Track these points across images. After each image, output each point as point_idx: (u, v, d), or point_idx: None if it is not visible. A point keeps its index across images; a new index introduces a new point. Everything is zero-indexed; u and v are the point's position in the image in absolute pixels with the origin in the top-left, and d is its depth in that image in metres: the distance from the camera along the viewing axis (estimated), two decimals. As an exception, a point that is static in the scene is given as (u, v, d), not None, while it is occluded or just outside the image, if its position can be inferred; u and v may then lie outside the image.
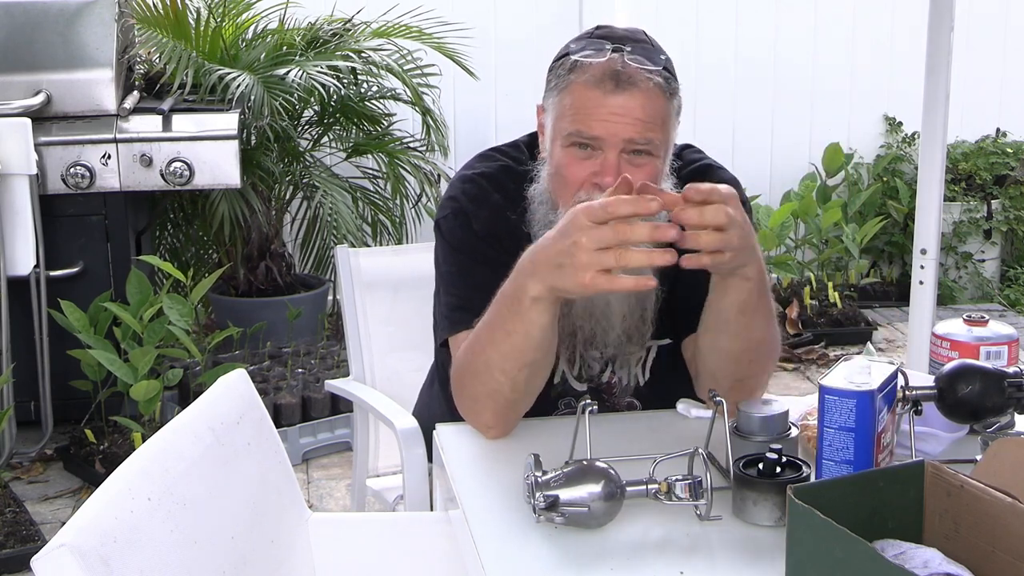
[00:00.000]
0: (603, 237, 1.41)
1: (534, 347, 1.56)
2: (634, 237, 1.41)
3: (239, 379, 1.63)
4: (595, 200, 1.46)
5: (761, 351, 1.69)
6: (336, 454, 3.72)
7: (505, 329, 1.55)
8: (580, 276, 1.42)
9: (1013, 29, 5.54)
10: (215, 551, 1.44)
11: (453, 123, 4.86)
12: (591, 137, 1.64)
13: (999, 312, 5.18)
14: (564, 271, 1.44)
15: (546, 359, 1.62)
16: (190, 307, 3.39)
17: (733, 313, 1.61)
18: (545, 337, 1.56)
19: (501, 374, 1.58)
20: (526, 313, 1.52)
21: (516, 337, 1.55)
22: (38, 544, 2.95)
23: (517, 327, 1.54)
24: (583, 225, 1.42)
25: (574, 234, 1.43)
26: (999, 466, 1.25)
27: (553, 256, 1.46)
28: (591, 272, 1.42)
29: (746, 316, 1.61)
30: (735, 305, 1.60)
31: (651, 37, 1.73)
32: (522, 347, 1.55)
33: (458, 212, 1.79)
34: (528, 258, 1.52)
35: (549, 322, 1.54)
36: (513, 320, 1.54)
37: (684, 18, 5.20)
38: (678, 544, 1.35)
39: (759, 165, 5.31)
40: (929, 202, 2.77)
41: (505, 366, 1.58)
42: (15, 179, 3.40)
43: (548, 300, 1.51)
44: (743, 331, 1.64)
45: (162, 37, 3.90)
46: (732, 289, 1.57)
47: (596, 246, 1.41)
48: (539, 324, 1.53)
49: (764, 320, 1.65)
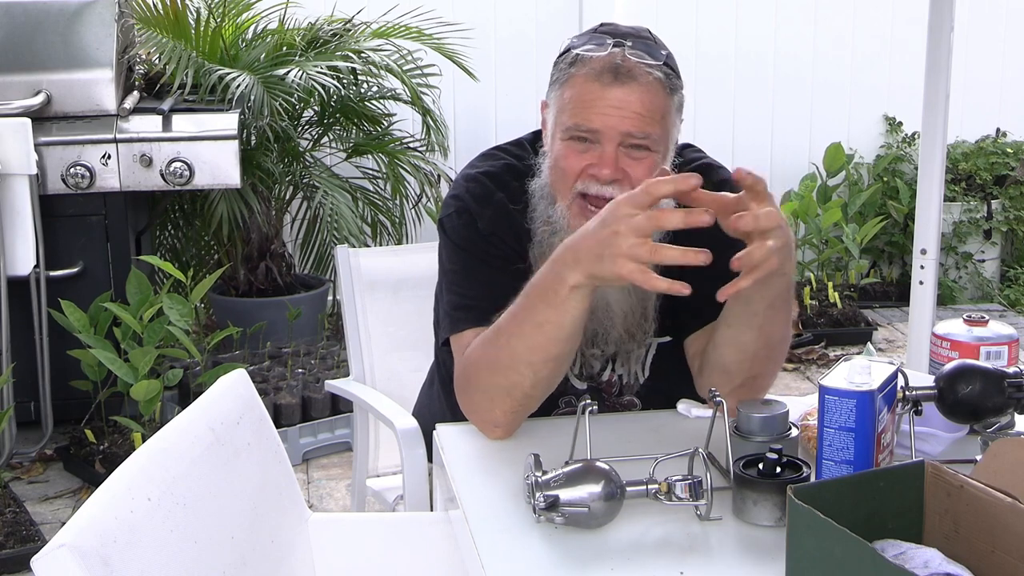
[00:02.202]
0: (640, 225, 1.42)
1: (564, 338, 1.56)
2: (668, 224, 1.42)
3: (239, 379, 1.63)
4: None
5: (779, 348, 1.70)
6: (336, 454, 3.72)
7: (536, 321, 1.55)
8: (619, 266, 1.43)
9: (1013, 29, 5.54)
10: (215, 551, 1.44)
11: (453, 123, 4.86)
12: (589, 130, 1.65)
13: (999, 312, 5.18)
14: (603, 261, 1.45)
15: (571, 353, 1.62)
16: (190, 307, 3.39)
17: (762, 307, 1.61)
18: (576, 328, 1.56)
19: (527, 367, 1.58)
20: (563, 303, 1.52)
21: (548, 328, 1.55)
22: (38, 544, 2.95)
23: (551, 317, 1.54)
24: (623, 214, 1.43)
25: (613, 223, 1.43)
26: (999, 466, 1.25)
27: (594, 246, 1.46)
28: (630, 264, 1.42)
29: (773, 311, 1.62)
30: (766, 300, 1.59)
31: (655, 35, 1.73)
32: (553, 338, 1.55)
33: (462, 211, 1.79)
34: (568, 247, 1.52)
35: (583, 312, 1.54)
36: (547, 311, 1.54)
37: (684, 18, 5.21)
38: (678, 544, 1.35)
39: (759, 165, 5.28)
40: (929, 202, 2.77)
41: (532, 358, 1.58)
42: (15, 179, 3.40)
43: (587, 289, 1.51)
44: (767, 327, 1.63)
45: (162, 37, 3.90)
46: (768, 285, 1.55)
47: (634, 235, 1.42)
48: (573, 314, 1.53)
49: (786, 317, 1.66)
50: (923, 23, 2.74)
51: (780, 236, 1.46)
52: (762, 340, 1.65)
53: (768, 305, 1.60)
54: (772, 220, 1.46)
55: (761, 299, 1.59)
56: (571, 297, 1.51)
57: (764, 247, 1.45)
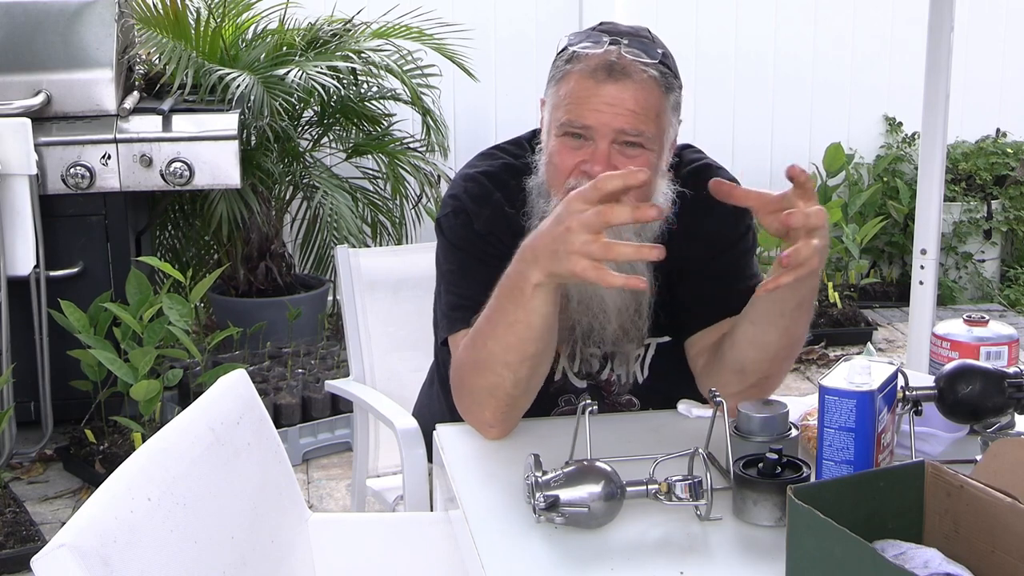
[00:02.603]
0: (589, 221, 1.41)
1: (536, 337, 1.55)
2: (616, 219, 1.41)
3: (239, 379, 1.63)
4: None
5: (795, 348, 1.70)
6: (336, 454, 3.71)
7: (507, 321, 1.55)
8: (573, 263, 1.42)
9: (1013, 29, 5.54)
10: (215, 551, 1.44)
11: (453, 123, 4.85)
12: (583, 126, 1.64)
13: (999, 312, 5.18)
14: (559, 257, 1.44)
15: (547, 351, 1.61)
16: (190, 307, 3.39)
17: (791, 307, 1.60)
18: (547, 327, 1.55)
19: (504, 368, 1.58)
20: (528, 302, 1.51)
21: (519, 327, 1.54)
22: (38, 544, 2.95)
23: (520, 317, 1.53)
24: (574, 209, 1.42)
25: (566, 219, 1.43)
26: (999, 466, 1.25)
27: (549, 242, 1.45)
28: (583, 261, 1.41)
29: (799, 312, 1.62)
30: (796, 299, 1.59)
31: (654, 35, 1.73)
32: (525, 337, 1.55)
33: (459, 211, 1.79)
34: (528, 245, 1.51)
35: (551, 310, 1.53)
36: (515, 311, 1.53)
37: (684, 18, 5.21)
38: (678, 544, 1.35)
39: (759, 165, 5.31)
40: (929, 202, 2.77)
41: (508, 359, 1.57)
42: (15, 179, 3.40)
43: (549, 287, 1.50)
44: (792, 326, 1.63)
45: (162, 37, 3.90)
46: (802, 284, 1.53)
47: (584, 231, 1.41)
48: (541, 312, 1.52)
49: (808, 319, 1.66)
50: (923, 23, 2.74)
51: (824, 236, 1.47)
52: (787, 340, 1.65)
53: (796, 305, 1.60)
54: (820, 219, 1.46)
55: (792, 298, 1.59)
56: (535, 296, 1.50)
57: (810, 245, 1.45)
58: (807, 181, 1.48)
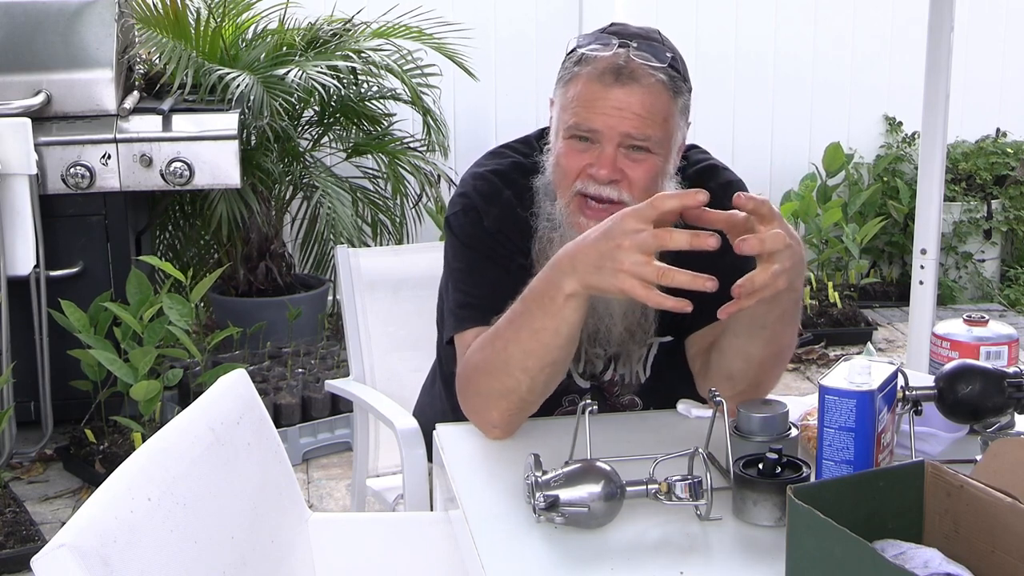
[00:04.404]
0: (644, 242, 1.40)
1: (560, 345, 1.55)
2: (673, 245, 1.41)
3: (239, 379, 1.63)
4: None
5: (783, 356, 1.70)
6: (336, 454, 3.72)
7: (532, 328, 1.54)
8: (620, 281, 1.42)
9: (1013, 29, 5.54)
10: (215, 551, 1.44)
11: (453, 123, 4.85)
12: (589, 130, 1.65)
13: (999, 312, 5.18)
14: (604, 273, 1.44)
15: (567, 360, 1.61)
16: (190, 307, 3.39)
17: (772, 321, 1.60)
18: (572, 336, 1.55)
19: (522, 372, 1.57)
20: (559, 311, 1.51)
21: (544, 335, 1.54)
22: (38, 544, 2.95)
23: (547, 324, 1.53)
24: (628, 229, 1.42)
25: (618, 237, 1.42)
26: (999, 466, 1.25)
27: (595, 257, 1.45)
28: (632, 280, 1.41)
29: (781, 325, 1.62)
30: (774, 315, 1.59)
31: (664, 37, 1.73)
32: (549, 345, 1.55)
33: (469, 208, 1.79)
34: (566, 254, 1.51)
35: (579, 320, 1.54)
36: (543, 318, 1.53)
37: (684, 18, 5.21)
38: (678, 544, 1.35)
39: (759, 165, 5.31)
40: (929, 202, 2.77)
41: (527, 364, 1.57)
42: (15, 179, 3.40)
43: (582, 297, 1.51)
44: (775, 337, 1.63)
45: (162, 37, 3.90)
46: (778, 301, 1.54)
47: (638, 251, 1.40)
48: (569, 321, 1.52)
49: (794, 328, 1.66)
50: (923, 23, 2.74)
51: (788, 257, 1.45)
52: (771, 350, 1.65)
53: (777, 319, 1.60)
54: (778, 242, 1.44)
55: (769, 314, 1.59)
56: (567, 305, 1.50)
57: (768, 271, 1.44)
58: (757, 207, 1.45)
